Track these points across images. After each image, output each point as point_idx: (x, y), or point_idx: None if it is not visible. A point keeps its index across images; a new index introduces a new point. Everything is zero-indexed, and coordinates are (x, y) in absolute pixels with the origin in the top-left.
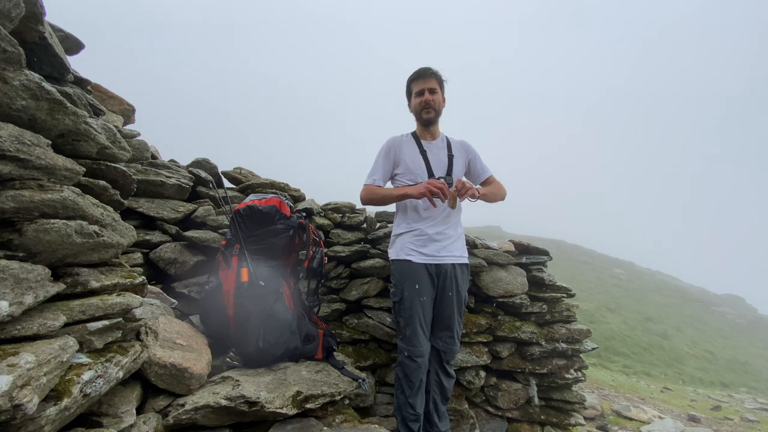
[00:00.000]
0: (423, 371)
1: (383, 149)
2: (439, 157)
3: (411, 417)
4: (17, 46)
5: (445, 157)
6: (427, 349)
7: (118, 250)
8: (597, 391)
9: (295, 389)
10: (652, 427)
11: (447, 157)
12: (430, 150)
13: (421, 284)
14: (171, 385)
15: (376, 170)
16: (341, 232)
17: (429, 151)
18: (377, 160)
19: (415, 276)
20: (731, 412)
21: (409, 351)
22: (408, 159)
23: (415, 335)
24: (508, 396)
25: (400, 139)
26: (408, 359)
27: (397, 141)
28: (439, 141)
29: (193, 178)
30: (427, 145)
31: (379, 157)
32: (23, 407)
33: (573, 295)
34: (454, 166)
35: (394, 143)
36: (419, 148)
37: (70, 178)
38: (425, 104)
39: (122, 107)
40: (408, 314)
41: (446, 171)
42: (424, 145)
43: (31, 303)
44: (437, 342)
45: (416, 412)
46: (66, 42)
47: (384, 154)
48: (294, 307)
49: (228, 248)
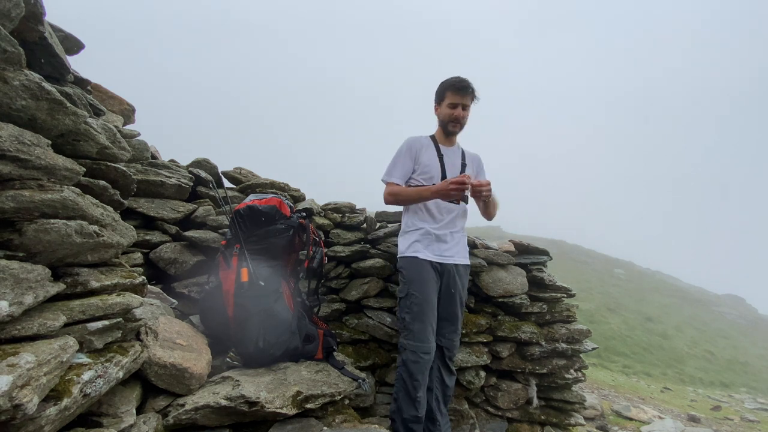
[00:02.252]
0: (427, 369)
1: (404, 148)
2: (454, 162)
3: (413, 419)
4: (17, 46)
5: (458, 164)
6: (434, 346)
7: (118, 250)
8: (597, 391)
9: (295, 389)
10: (652, 427)
11: (461, 165)
12: (447, 155)
13: (428, 281)
14: (171, 385)
15: (396, 169)
16: (341, 232)
17: (446, 156)
18: (397, 158)
19: (422, 272)
20: (731, 412)
21: (416, 347)
22: (426, 159)
23: (424, 331)
24: (508, 396)
25: (420, 139)
26: (414, 356)
27: (417, 141)
28: (456, 149)
29: (193, 178)
30: (444, 150)
31: (399, 155)
32: (23, 407)
33: (573, 295)
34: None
35: (415, 143)
36: (437, 151)
37: (70, 178)
38: (456, 119)
39: (122, 107)
40: (417, 309)
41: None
42: (442, 150)
43: (31, 303)
44: (440, 339)
45: (419, 414)
46: (66, 42)
47: (405, 152)
48: (294, 307)
49: (228, 248)
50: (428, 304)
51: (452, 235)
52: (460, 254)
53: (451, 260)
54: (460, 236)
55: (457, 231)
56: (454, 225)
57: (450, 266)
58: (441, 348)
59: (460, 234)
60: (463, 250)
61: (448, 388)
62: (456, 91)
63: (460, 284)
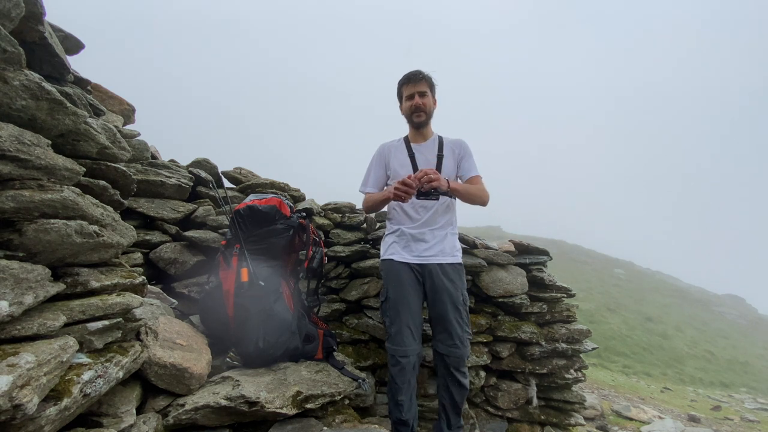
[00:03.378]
0: (409, 373)
1: (375, 157)
2: (427, 157)
3: (398, 422)
4: (17, 46)
5: (434, 157)
6: (413, 350)
7: (118, 250)
8: (597, 391)
9: (295, 389)
10: (652, 427)
11: (436, 157)
12: (419, 152)
13: (403, 283)
14: (171, 385)
15: (367, 179)
16: (341, 232)
17: (417, 153)
18: (369, 168)
19: (397, 275)
20: (731, 412)
21: (393, 350)
22: (396, 163)
23: (400, 333)
24: (508, 396)
25: (390, 144)
26: (392, 359)
27: (386, 147)
28: (431, 142)
29: (193, 178)
30: (416, 147)
31: (371, 164)
32: (23, 407)
33: (573, 295)
34: (443, 166)
35: (384, 149)
36: (408, 151)
37: (70, 178)
38: (415, 108)
39: (122, 107)
40: (392, 312)
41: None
42: (413, 148)
43: (31, 303)
44: (437, 345)
45: (403, 417)
46: (66, 42)
47: (375, 161)
48: (294, 307)
49: (228, 248)
50: (404, 306)
51: (432, 233)
52: (443, 253)
53: (432, 260)
54: (443, 234)
55: (438, 228)
56: (435, 222)
57: (431, 266)
58: (441, 356)
59: (444, 231)
60: (449, 248)
61: (456, 399)
62: (407, 81)
63: (446, 285)
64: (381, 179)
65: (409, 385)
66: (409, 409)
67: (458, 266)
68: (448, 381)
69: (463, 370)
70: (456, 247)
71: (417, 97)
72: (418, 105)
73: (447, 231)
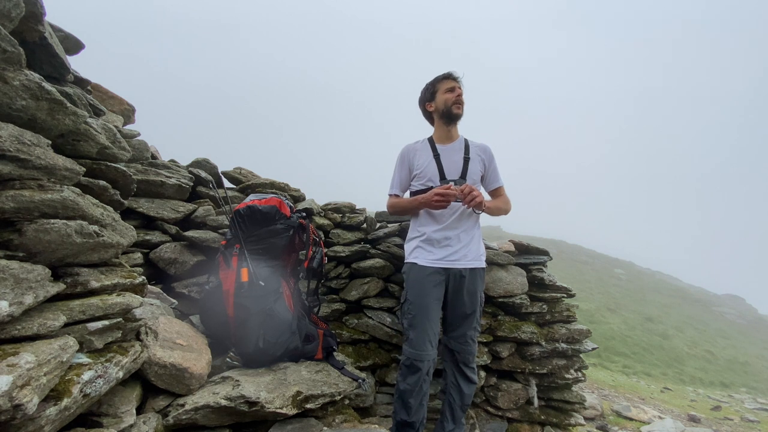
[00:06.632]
0: (422, 378)
1: (398, 159)
2: (453, 159)
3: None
4: (17, 46)
5: (460, 159)
6: (431, 356)
7: (118, 250)
8: (597, 391)
9: (295, 389)
10: (652, 427)
11: (462, 160)
12: (444, 153)
13: (425, 288)
14: (171, 385)
15: (394, 181)
16: (341, 232)
17: (443, 155)
18: (394, 171)
19: (420, 279)
20: (731, 412)
21: (412, 354)
22: (421, 164)
23: (419, 339)
24: (508, 396)
25: (414, 145)
26: (408, 362)
27: (411, 148)
28: (457, 143)
29: (193, 178)
30: (441, 149)
31: (396, 167)
32: (23, 407)
33: (573, 295)
34: (469, 170)
35: (408, 151)
36: (433, 152)
37: (70, 178)
38: (458, 99)
39: (122, 107)
40: (411, 317)
41: (460, 174)
42: (438, 149)
43: (31, 303)
44: (450, 342)
45: (409, 419)
46: (66, 42)
47: (399, 163)
48: (294, 307)
49: (228, 248)
50: (424, 313)
51: (459, 236)
52: (468, 257)
53: (457, 264)
54: (469, 237)
55: (464, 231)
56: (458, 225)
57: (456, 271)
58: (452, 352)
59: (469, 235)
60: (475, 252)
61: (465, 395)
62: (447, 77)
63: (469, 289)
64: (405, 181)
65: (420, 390)
66: (417, 411)
67: (481, 271)
68: (458, 377)
69: (472, 366)
70: (480, 251)
71: (459, 89)
72: (460, 96)
73: (472, 235)
